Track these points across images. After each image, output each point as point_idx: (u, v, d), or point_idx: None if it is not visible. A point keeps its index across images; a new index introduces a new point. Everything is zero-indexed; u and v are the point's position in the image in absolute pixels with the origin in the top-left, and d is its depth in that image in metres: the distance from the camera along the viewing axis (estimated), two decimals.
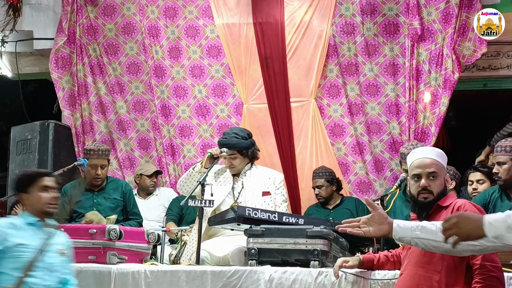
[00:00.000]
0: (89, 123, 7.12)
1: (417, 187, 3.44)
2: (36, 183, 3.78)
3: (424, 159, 3.47)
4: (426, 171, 3.44)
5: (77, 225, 4.96)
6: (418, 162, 3.47)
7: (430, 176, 3.44)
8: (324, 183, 6.10)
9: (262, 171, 5.18)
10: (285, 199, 5.14)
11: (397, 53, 6.58)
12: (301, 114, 6.68)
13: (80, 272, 4.34)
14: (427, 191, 3.42)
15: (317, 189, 6.13)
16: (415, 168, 3.47)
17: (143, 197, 6.67)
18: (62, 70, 7.10)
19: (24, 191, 3.82)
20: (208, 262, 4.61)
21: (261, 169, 5.21)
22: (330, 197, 6.14)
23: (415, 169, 3.46)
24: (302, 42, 6.71)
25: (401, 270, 3.50)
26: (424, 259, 3.33)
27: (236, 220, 4.49)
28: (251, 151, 5.12)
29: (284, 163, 6.57)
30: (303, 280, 3.96)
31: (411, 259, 3.41)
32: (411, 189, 3.50)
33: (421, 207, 3.44)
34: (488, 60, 6.75)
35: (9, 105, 11.41)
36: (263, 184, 5.04)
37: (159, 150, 6.99)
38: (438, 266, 3.28)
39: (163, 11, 7.01)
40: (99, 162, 5.72)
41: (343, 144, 6.66)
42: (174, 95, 6.99)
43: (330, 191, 6.13)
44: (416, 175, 3.46)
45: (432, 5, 6.48)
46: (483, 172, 5.52)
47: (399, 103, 6.56)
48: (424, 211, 3.43)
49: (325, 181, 6.11)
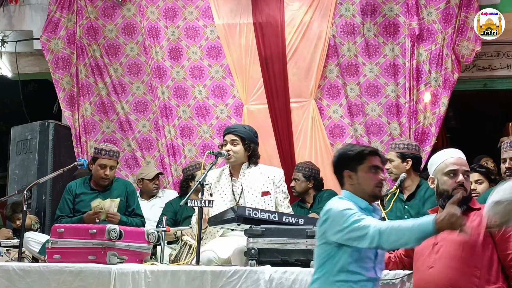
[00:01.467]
0: (91, 124, 7.13)
1: (453, 182, 3.51)
2: (366, 162, 3.29)
3: (460, 158, 3.58)
4: (463, 168, 3.55)
5: (77, 225, 4.94)
6: (455, 159, 3.56)
7: (465, 174, 3.54)
8: (300, 177, 6.07)
9: (260, 170, 5.10)
10: (286, 196, 5.11)
11: (397, 54, 6.58)
12: (301, 115, 6.68)
13: (80, 272, 4.35)
14: (463, 187, 3.49)
15: (294, 182, 6.08)
16: (451, 165, 3.54)
17: (146, 199, 6.66)
18: (62, 71, 7.11)
19: (351, 169, 3.31)
20: (216, 262, 4.61)
21: (260, 168, 5.13)
22: (304, 192, 6.09)
23: (452, 166, 3.54)
24: (302, 42, 6.71)
25: (429, 264, 3.45)
26: (464, 254, 3.36)
27: (236, 220, 4.48)
28: (253, 146, 5.04)
29: (284, 163, 6.57)
30: (303, 280, 3.95)
31: (444, 254, 3.41)
32: (443, 185, 3.53)
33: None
34: (488, 60, 6.76)
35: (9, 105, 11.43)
36: (263, 184, 4.99)
37: (161, 150, 6.99)
38: (478, 262, 3.34)
39: (163, 12, 7.02)
40: (109, 163, 5.65)
41: (343, 145, 6.65)
42: (175, 96, 6.99)
43: (305, 187, 6.08)
44: (452, 171, 3.52)
45: (432, 5, 6.48)
46: (481, 172, 5.51)
47: (400, 104, 6.56)
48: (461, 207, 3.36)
49: (302, 176, 6.07)
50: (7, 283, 4.46)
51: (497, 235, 3.34)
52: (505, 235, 3.34)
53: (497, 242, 3.35)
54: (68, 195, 5.68)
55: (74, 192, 5.67)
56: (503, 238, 3.35)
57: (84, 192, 5.65)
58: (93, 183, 5.72)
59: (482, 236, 3.36)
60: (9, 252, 5.89)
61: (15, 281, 4.45)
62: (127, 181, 6.29)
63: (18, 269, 4.48)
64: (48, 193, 6.66)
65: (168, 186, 6.93)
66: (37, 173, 6.80)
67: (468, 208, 3.48)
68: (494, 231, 3.33)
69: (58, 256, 4.60)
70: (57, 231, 4.66)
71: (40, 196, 6.83)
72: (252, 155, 4.98)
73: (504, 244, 3.34)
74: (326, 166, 6.56)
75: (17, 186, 6.83)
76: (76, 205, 5.64)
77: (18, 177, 7.04)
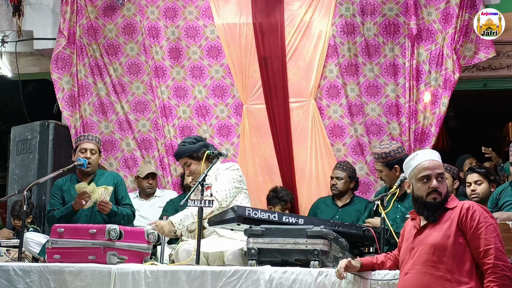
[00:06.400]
0: (89, 124, 7.13)
1: (426, 188, 3.46)
2: None
3: (433, 161, 3.51)
4: (436, 172, 3.48)
5: (77, 225, 4.93)
6: (428, 163, 3.49)
7: (439, 177, 3.48)
8: (344, 177, 6.09)
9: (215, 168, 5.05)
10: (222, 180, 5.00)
11: (397, 54, 6.58)
12: (301, 115, 6.68)
13: (80, 272, 4.35)
14: (437, 192, 3.45)
15: (336, 180, 6.10)
16: (424, 170, 3.48)
17: (145, 199, 6.67)
18: (62, 71, 7.11)
19: None
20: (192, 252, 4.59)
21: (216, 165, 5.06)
22: (344, 192, 6.12)
23: (424, 171, 3.48)
24: (302, 42, 6.71)
25: (405, 270, 3.49)
26: (434, 258, 3.35)
27: (236, 220, 4.49)
28: (202, 152, 5.05)
29: (282, 164, 6.57)
30: (303, 280, 3.95)
31: (418, 259, 3.42)
32: (417, 191, 3.50)
33: (430, 208, 3.46)
34: (488, 60, 6.74)
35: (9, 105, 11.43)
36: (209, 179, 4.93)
37: (161, 150, 6.99)
38: (449, 265, 3.32)
39: (163, 11, 7.02)
40: (88, 146, 5.60)
41: (343, 145, 6.66)
42: (175, 96, 6.99)
43: (347, 187, 6.12)
44: (425, 176, 3.47)
45: (432, 5, 6.48)
46: (480, 173, 5.52)
47: (399, 104, 6.56)
48: (434, 213, 3.44)
49: (347, 176, 6.10)
50: (7, 283, 4.47)
51: (468, 232, 3.32)
52: (476, 232, 3.31)
53: (469, 240, 3.32)
54: (56, 190, 5.68)
55: (61, 187, 5.67)
56: (474, 236, 3.31)
57: (71, 187, 5.60)
58: (79, 175, 5.68)
59: (453, 237, 3.34)
60: (9, 252, 5.90)
61: (15, 281, 4.46)
62: (115, 172, 6.29)
63: (18, 269, 4.49)
64: (48, 193, 6.65)
65: (167, 186, 6.93)
66: (37, 173, 6.81)
67: (443, 209, 3.44)
68: (465, 229, 3.32)
69: (58, 256, 4.61)
70: (57, 231, 4.67)
71: (40, 196, 6.83)
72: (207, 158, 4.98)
73: (476, 242, 3.30)
74: (326, 166, 6.57)
75: (17, 186, 6.83)
76: (66, 200, 5.60)
77: (18, 177, 7.04)
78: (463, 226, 3.35)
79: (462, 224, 3.35)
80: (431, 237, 3.40)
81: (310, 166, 6.60)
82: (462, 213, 3.36)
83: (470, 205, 3.41)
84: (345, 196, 6.15)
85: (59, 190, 5.66)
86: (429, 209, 3.46)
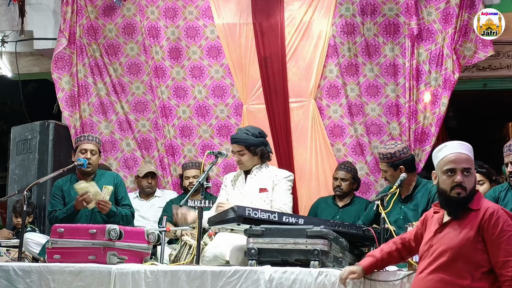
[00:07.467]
0: (89, 124, 7.13)
1: (451, 182, 3.36)
2: None
3: (459, 154, 3.41)
4: (462, 166, 3.38)
5: (77, 225, 4.93)
6: (454, 156, 3.40)
7: (465, 171, 3.38)
8: (349, 178, 6.09)
9: (269, 171, 5.21)
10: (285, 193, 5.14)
11: (397, 54, 6.57)
12: (301, 115, 6.68)
13: (80, 272, 4.35)
14: (461, 187, 3.35)
15: (340, 181, 6.08)
16: (449, 163, 3.39)
17: (145, 199, 6.67)
18: (62, 71, 7.11)
19: None
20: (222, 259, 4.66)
21: (270, 170, 5.24)
22: (348, 193, 6.13)
23: (449, 164, 3.38)
24: (302, 42, 6.71)
25: (421, 268, 3.41)
26: (449, 261, 3.28)
27: (236, 220, 4.49)
28: (261, 149, 5.16)
29: (281, 164, 6.56)
30: (303, 280, 3.95)
31: (433, 259, 3.34)
32: (442, 184, 3.41)
33: (453, 204, 3.37)
34: (488, 60, 6.75)
35: (9, 105, 11.45)
36: (265, 181, 5.07)
37: (161, 150, 6.99)
38: (464, 270, 3.24)
39: (163, 11, 7.02)
40: (88, 147, 5.61)
41: (343, 145, 6.66)
42: (174, 96, 6.99)
43: (351, 188, 6.13)
44: (450, 169, 3.38)
45: (432, 5, 6.47)
46: (481, 173, 5.52)
47: (399, 104, 6.56)
48: (457, 208, 3.35)
49: (351, 177, 6.10)
50: (6, 283, 4.46)
51: (489, 240, 3.24)
52: (497, 241, 3.22)
53: (489, 248, 3.24)
54: (56, 190, 5.67)
55: (61, 187, 5.66)
56: (494, 244, 3.23)
57: (71, 187, 5.59)
58: (79, 175, 5.68)
59: (472, 242, 3.26)
60: (9, 252, 5.90)
61: (15, 281, 4.46)
62: (115, 172, 6.29)
63: (18, 269, 4.49)
64: (48, 193, 6.65)
65: (167, 186, 6.93)
66: (37, 173, 6.81)
67: (466, 209, 3.36)
68: (486, 236, 3.24)
69: (58, 256, 4.60)
70: (57, 231, 4.66)
71: (40, 196, 6.83)
72: (261, 156, 5.12)
73: (495, 251, 3.22)
74: (326, 166, 6.57)
75: (17, 186, 6.84)
76: (67, 200, 5.60)
77: (18, 177, 7.04)
78: (484, 232, 3.26)
79: (484, 230, 3.26)
80: (450, 239, 3.32)
81: (310, 166, 6.60)
82: (485, 218, 3.27)
83: (494, 210, 3.30)
84: (347, 197, 6.15)
85: (59, 191, 5.66)
86: (452, 204, 3.37)
